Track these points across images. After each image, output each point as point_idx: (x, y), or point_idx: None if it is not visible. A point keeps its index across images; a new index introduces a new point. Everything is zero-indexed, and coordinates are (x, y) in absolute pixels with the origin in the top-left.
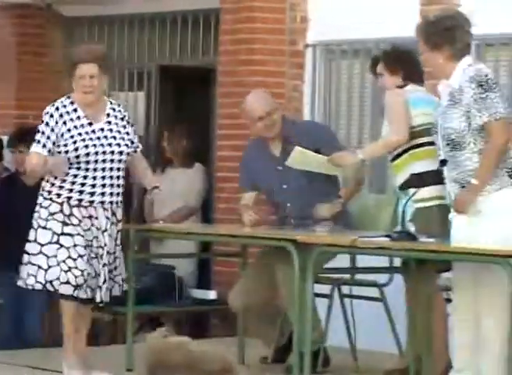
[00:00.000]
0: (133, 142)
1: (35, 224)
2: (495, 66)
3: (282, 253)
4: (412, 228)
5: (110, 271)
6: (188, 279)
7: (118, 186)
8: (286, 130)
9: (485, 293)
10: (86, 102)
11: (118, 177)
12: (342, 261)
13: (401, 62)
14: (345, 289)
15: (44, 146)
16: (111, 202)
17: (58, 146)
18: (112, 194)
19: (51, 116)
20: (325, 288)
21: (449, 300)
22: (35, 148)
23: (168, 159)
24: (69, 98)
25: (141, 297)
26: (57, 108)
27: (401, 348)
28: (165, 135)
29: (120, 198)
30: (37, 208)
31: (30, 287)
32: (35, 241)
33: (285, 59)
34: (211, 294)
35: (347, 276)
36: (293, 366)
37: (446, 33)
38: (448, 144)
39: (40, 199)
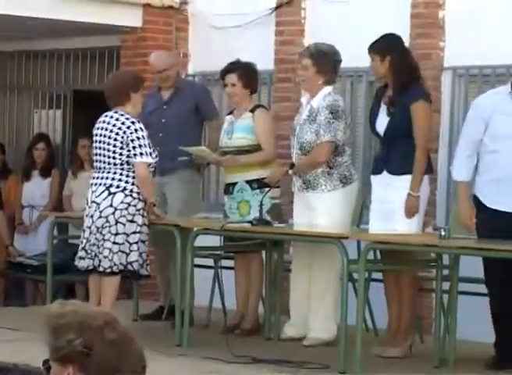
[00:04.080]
0: None
1: (123, 220)
2: (352, 94)
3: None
4: (268, 217)
5: None
6: None
7: None
8: (178, 82)
9: (317, 266)
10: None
11: None
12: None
13: None
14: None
15: (150, 155)
16: None
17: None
18: None
19: (142, 129)
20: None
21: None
22: (145, 159)
23: (81, 163)
24: (116, 112)
25: (59, 268)
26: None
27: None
28: (79, 144)
29: None
30: (124, 206)
31: (115, 270)
32: (123, 233)
33: None
34: None
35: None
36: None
37: (334, 65)
38: (301, 151)
39: (127, 199)
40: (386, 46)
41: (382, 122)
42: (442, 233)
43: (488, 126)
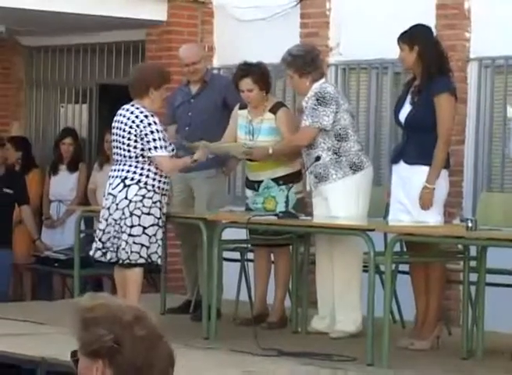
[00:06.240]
0: None
1: (138, 212)
2: (356, 85)
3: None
4: (294, 212)
5: None
6: None
7: None
8: (206, 76)
9: (337, 258)
10: (158, 110)
11: None
12: None
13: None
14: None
15: (166, 148)
16: None
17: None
18: None
19: (156, 123)
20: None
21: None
22: (161, 153)
23: (106, 157)
24: (133, 105)
25: (86, 262)
26: (151, 115)
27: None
28: (105, 137)
29: None
30: (138, 198)
31: (132, 262)
32: (139, 225)
33: None
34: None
35: None
36: (202, 315)
37: (312, 63)
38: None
39: (142, 191)
40: (415, 36)
41: (405, 111)
42: (469, 224)
43: None
